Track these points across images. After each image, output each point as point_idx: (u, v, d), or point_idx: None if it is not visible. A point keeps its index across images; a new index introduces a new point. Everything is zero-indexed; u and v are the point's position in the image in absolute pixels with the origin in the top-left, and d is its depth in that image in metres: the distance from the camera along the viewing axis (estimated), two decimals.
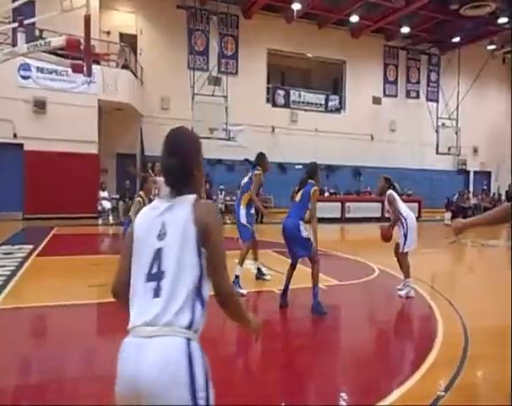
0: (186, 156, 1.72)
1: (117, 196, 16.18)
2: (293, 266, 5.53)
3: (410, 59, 24.64)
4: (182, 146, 1.74)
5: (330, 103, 22.76)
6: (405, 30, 21.58)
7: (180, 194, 1.67)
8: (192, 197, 1.66)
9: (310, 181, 5.50)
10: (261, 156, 6.79)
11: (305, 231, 5.28)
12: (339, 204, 18.23)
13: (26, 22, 7.15)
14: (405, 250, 6.15)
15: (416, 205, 18.44)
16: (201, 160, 1.79)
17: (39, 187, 14.26)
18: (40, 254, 8.68)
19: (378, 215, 17.66)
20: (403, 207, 6.29)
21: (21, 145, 14.49)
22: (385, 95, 24.06)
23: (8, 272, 6.84)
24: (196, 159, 1.76)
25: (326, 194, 19.38)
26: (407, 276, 6.12)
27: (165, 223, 1.61)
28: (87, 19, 6.64)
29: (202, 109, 17.89)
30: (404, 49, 24.26)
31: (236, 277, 6.03)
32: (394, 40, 23.55)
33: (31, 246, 9.25)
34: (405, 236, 6.13)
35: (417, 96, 24.67)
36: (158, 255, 1.57)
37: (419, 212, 18.62)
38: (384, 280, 7.10)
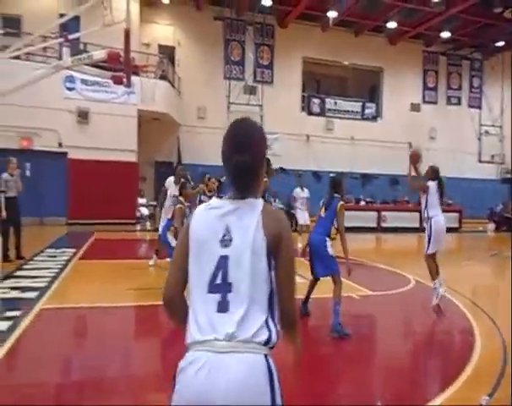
0: (257, 154, 1.55)
1: (155, 203, 16.61)
2: (316, 279, 5.41)
3: (451, 65, 23.97)
4: (253, 142, 1.56)
5: (367, 111, 22.52)
6: (445, 34, 21.04)
7: (245, 196, 1.50)
8: (260, 202, 1.50)
9: (336, 195, 5.24)
10: (267, 161, 6.62)
11: (331, 249, 5.10)
12: (375, 213, 17.90)
13: (71, 37, 7.53)
14: (429, 252, 5.93)
15: (456, 215, 17.84)
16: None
17: (81, 194, 14.87)
18: (81, 257, 9.05)
19: (416, 225, 17.18)
20: (433, 204, 5.93)
21: (65, 154, 15.17)
22: (424, 101, 23.51)
23: (53, 274, 7.18)
24: (264, 157, 1.59)
25: (362, 203, 19.08)
26: (433, 277, 5.90)
27: (229, 228, 1.44)
28: (127, 33, 6.93)
29: (237, 118, 18.10)
30: (444, 54, 23.66)
31: None
32: (433, 45, 23.01)
33: (74, 250, 9.66)
34: (429, 238, 5.91)
35: (459, 103, 23.95)
36: (222, 264, 1.41)
37: (460, 222, 17.98)
38: (420, 291, 6.90)
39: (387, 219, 17.76)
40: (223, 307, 1.39)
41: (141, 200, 15.86)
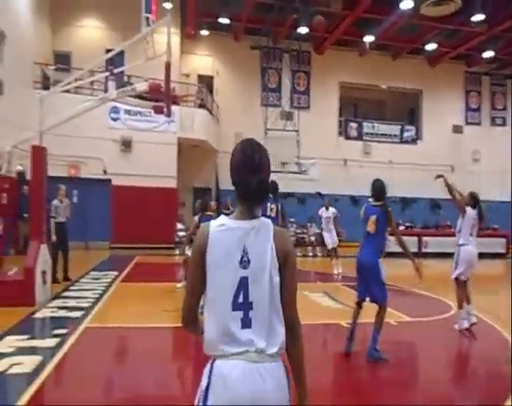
0: (266, 173, 1.64)
1: None
2: (360, 306, 4.88)
3: (494, 85, 23.33)
4: (266, 162, 1.66)
5: (406, 134, 22.19)
6: (488, 54, 20.53)
7: (254, 215, 1.60)
8: (269, 223, 1.61)
9: (379, 203, 4.75)
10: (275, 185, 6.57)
11: (383, 271, 4.67)
12: (415, 238, 17.40)
13: (116, 71, 8.00)
14: (453, 277, 5.84)
15: (503, 240, 17.03)
16: None
17: (124, 219, 15.43)
18: (123, 280, 9.39)
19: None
20: (465, 232, 5.86)
21: (109, 181, 15.88)
22: (467, 123, 22.91)
23: (96, 295, 7.51)
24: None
25: (401, 227, 18.56)
26: (460, 306, 5.77)
27: (246, 250, 1.54)
28: (167, 66, 7.27)
29: (274, 143, 18.29)
30: (487, 74, 23.09)
31: None
32: (475, 65, 22.53)
33: (116, 273, 10.04)
34: (456, 265, 5.84)
35: (504, 123, 23.16)
36: (244, 285, 1.53)
37: (507, 248, 17.13)
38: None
39: (428, 244, 17.20)
40: (246, 323, 1.53)
41: (180, 225, 16.21)
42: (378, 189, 4.81)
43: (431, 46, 20.06)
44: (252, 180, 1.58)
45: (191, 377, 4.39)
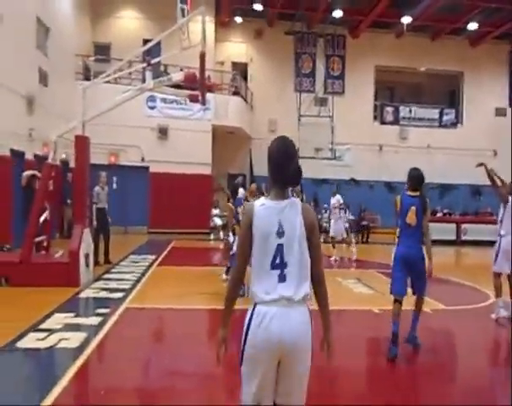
0: (297, 163, 2.10)
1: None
2: (401, 303, 4.52)
3: None
4: (295, 154, 2.15)
5: (445, 117, 21.48)
6: None
7: (286, 196, 2.08)
8: (298, 201, 2.09)
9: (417, 194, 4.49)
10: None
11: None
12: (453, 225, 16.97)
13: (153, 61, 8.22)
14: (494, 270, 5.76)
15: None
16: None
17: (161, 205, 15.92)
18: (160, 263, 9.75)
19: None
20: (507, 222, 5.73)
21: (147, 168, 16.38)
22: (511, 105, 21.88)
23: (135, 278, 7.88)
24: None
25: (439, 214, 18.15)
26: (497, 294, 5.73)
27: (281, 223, 2.01)
28: (202, 56, 7.40)
29: (308, 129, 18.26)
30: None
31: None
32: None
33: (153, 256, 10.43)
34: (496, 256, 5.74)
35: None
36: (279, 250, 2.01)
37: None
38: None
39: (467, 232, 16.73)
40: (282, 278, 2.01)
41: (215, 211, 16.51)
42: (416, 178, 4.54)
43: (472, 26, 19.24)
44: (288, 168, 2.07)
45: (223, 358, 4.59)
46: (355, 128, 19.64)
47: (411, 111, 21.17)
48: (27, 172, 8.86)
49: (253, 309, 2.02)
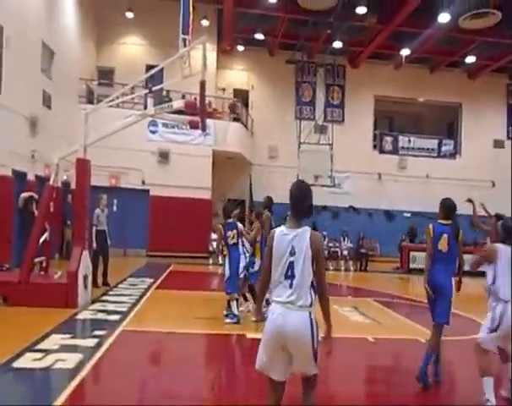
0: (310, 201, 2.86)
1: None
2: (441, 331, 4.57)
3: None
4: (309, 195, 2.88)
5: (444, 148, 21.73)
6: None
7: (300, 224, 2.78)
8: (308, 229, 2.76)
9: (449, 222, 4.61)
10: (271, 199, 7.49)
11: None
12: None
13: (154, 88, 8.42)
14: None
15: None
16: None
17: (160, 228, 15.91)
18: (158, 287, 9.72)
19: None
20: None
21: (148, 191, 16.47)
22: (509, 137, 22.11)
23: (133, 300, 7.85)
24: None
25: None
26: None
27: (294, 246, 2.72)
28: (202, 85, 7.56)
29: (308, 157, 18.46)
30: None
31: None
32: None
33: (152, 280, 10.38)
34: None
35: None
36: (291, 265, 2.71)
37: None
38: None
39: (465, 262, 16.67)
40: (290, 286, 2.72)
41: (214, 236, 16.51)
42: (448, 207, 4.72)
43: (470, 59, 19.69)
44: (303, 205, 2.84)
45: (218, 383, 4.55)
46: (354, 156, 19.84)
47: (410, 141, 21.45)
48: (24, 194, 8.86)
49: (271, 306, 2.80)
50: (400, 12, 15.86)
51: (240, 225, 7.20)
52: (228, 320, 6.64)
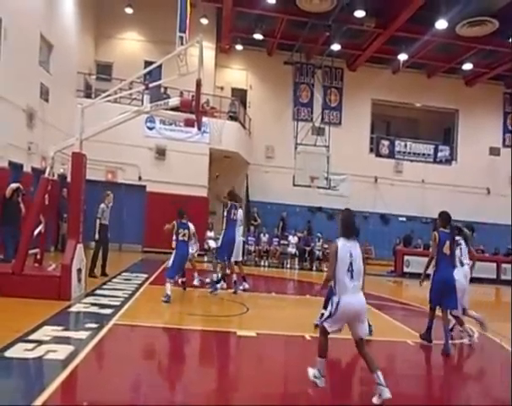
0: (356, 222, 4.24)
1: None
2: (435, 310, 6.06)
3: None
4: (354, 218, 4.25)
5: (440, 154, 21.85)
6: None
7: (354, 238, 4.10)
8: (357, 241, 4.13)
9: (448, 230, 5.98)
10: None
11: None
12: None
13: (151, 85, 8.44)
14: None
15: None
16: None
17: (156, 224, 15.79)
18: (152, 282, 9.70)
19: (492, 276, 16.16)
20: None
21: (144, 187, 16.47)
22: (505, 145, 22.28)
23: (126, 295, 7.83)
24: None
25: (431, 249, 18.14)
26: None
27: (351, 252, 4.01)
28: (198, 84, 7.58)
29: (304, 158, 18.54)
30: None
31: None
32: None
33: (146, 275, 10.39)
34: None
35: None
36: (351, 264, 3.97)
37: None
38: (483, 345, 6.51)
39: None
40: (352, 277, 3.98)
41: (209, 234, 16.52)
42: (447, 218, 6.07)
43: (467, 66, 19.84)
44: (354, 226, 4.15)
45: (201, 380, 4.58)
46: (351, 159, 19.92)
47: (406, 145, 21.57)
48: (12, 185, 8.93)
49: (339, 297, 3.95)
50: (398, 17, 15.98)
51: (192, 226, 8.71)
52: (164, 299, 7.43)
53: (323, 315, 4.60)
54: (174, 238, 8.53)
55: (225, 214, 9.01)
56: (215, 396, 4.06)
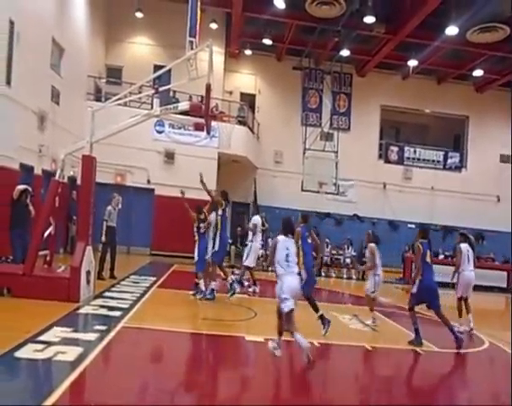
0: None
1: (230, 241, 17.14)
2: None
3: None
4: None
5: (450, 160, 21.70)
6: None
7: (291, 237, 5.24)
8: (292, 238, 5.30)
9: (428, 241, 6.63)
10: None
11: None
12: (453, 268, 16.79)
13: (161, 89, 8.45)
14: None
15: None
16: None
17: (164, 227, 15.91)
18: (160, 285, 9.73)
19: (503, 284, 15.91)
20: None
21: (153, 190, 16.54)
22: None
23: (135, 298, 7.85)
24: None
25: (441, 256, 17.94)
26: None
27: (287, 246, 5.11)
28: (207, 88, 7.59)
29: (313, 163, 18.52)
30: None
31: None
32: None
33: (154, 278, 10.40)
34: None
35: None
36: (287, 255, 5.03)
37: None
38: (491, 354, 6.45)
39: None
40: (289, 266, 5.13)
41: None
42: (427, 231, 6.88)
43: (478, 73, 19.70)
44: (292, 227, 5.47)
45: (209, 383, 4.56)
46: (359, 164, 19.86)
47: (415, 151, 21.44)
48: (19, 187, 8.92)
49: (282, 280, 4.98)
50: (408, 23, 15.92)
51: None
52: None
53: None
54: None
55: (219, 213, 8.89)
56: (222, 399, 4.03)
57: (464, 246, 7.96)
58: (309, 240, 6.66)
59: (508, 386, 4.91)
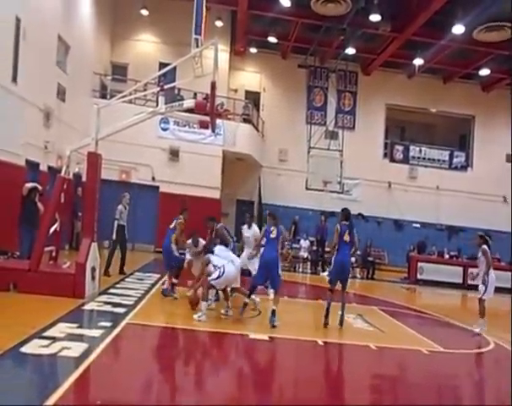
0: None
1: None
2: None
3: None
4: None
5: (455, 160, 21.59)
6: None
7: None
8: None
9: (347, 222, 7.15)
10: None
11: None
12: (460, 268, 16.77)
13: (166, 87, 8.43)
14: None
15: None
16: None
17: (169, 224, 15.86)
18: (164, 283, 9.64)
19: (509, 285, 15.80)
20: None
21: (157, 187, 16.57)
22: None
23: (139, 295, 7.89)
24: None
25: (446, 256, 17.87)
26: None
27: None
28: (213, 86, 7.58)
29: (317, 162, 18.49)
30: None
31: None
32: None
33: (158, 275, 10.39)
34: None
35: None
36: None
37: None
38: (497, 354, 6.43)
39: (475, 276, 16.52)
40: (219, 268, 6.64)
41: None
42: (346, 213, 7.38)
43: (484, 72, 19.57)
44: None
45: (213, 380, 4.56)
46: (364, 163, 19.79)
47: (421, 151, 21.35)
48: (27, 185, 8.91)
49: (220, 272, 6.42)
50: (414, 21, 15.85)
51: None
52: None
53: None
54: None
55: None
56: (226, 397, 4.04)
57: (487, 247, 8.14)
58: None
59: (509, 386, 4.90)
